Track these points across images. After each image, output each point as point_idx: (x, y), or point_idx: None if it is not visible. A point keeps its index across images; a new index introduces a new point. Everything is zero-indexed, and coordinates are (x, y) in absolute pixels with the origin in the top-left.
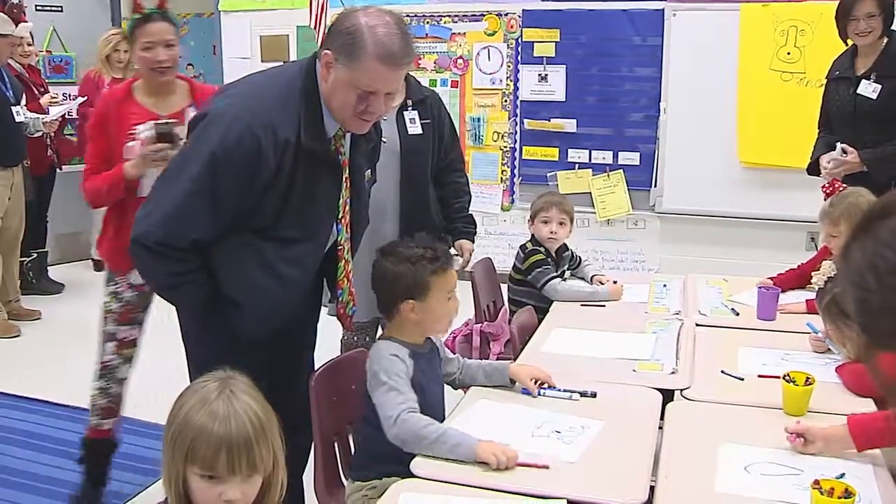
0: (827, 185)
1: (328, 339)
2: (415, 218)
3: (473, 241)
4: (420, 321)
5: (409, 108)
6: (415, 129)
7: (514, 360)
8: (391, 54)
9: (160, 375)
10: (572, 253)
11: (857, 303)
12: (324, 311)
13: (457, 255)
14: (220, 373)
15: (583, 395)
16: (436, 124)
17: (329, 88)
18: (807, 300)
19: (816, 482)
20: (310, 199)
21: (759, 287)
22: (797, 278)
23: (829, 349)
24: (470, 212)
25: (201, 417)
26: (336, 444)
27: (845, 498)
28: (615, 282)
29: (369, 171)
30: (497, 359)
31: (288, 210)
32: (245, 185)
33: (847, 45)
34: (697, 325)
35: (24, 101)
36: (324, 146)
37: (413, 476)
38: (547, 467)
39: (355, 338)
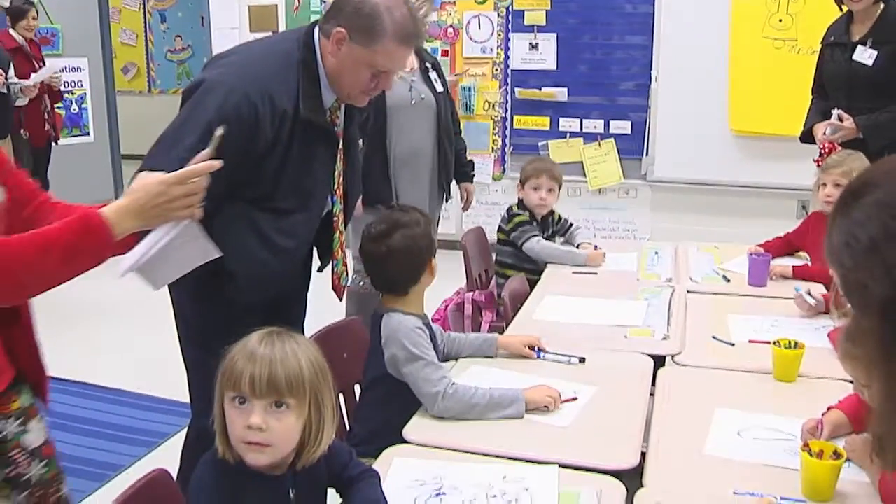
0: (824, 152)
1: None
2: (445, 164)
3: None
4: (428, 281)
5: (431, 70)
6: (440, 87)
7: (506, 327)
8: (409, 36)
9: (151, 349)
10: (559, 216)
11: (839, 279)
12: None
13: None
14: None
15: (570, 358)
16: (446, 85)
17: (338, 64)
18: (793, 266)
19: (806, 445)
20: (306, 171)
21: (750, 254)
22: (786, 245)
23: (811, 306)
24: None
25: (240, 348)
26: None
27: (835, 459)
28: (595, 247)
29: (361, 140)
30: (489, 327)
31: (284, 181)
32: (241, 155)
33: (842, 10)
34: (689, 291)
35: (11, 73)
36: (321, 118)
37: (406, 442)
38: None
39: (361, 283)
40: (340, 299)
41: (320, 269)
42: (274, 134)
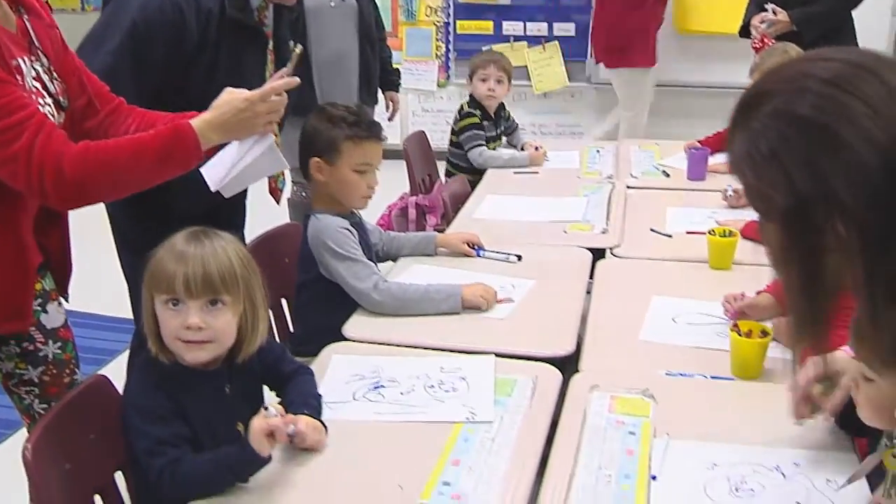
0: (757, 42)
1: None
2: (370, 68)
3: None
4: (327, 184)
5: None
6: None
7: (447, 227)
8: None
9: (93, 267)
10: (509, 114)
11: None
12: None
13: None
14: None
15: (508, 256)
16: None
17: None
18: (728, 162)
19: (735, 325)
20: (236, 74)
21: (689, 148)
22: (725, 141)
23: (736, 198)
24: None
25: (166, 249)
26: (272, 317)
27: (762, 337)
28: (537, 147)
29: (292, 42)
30: (433, 230)
31: (214, 85)
32: (168, 58)
33: None
34: (629, 187)
35: None
36: (249, 17)
37: (346, 339)
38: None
39: (303, 193)
40: (278, 202)
41: None
42: (200, 35)
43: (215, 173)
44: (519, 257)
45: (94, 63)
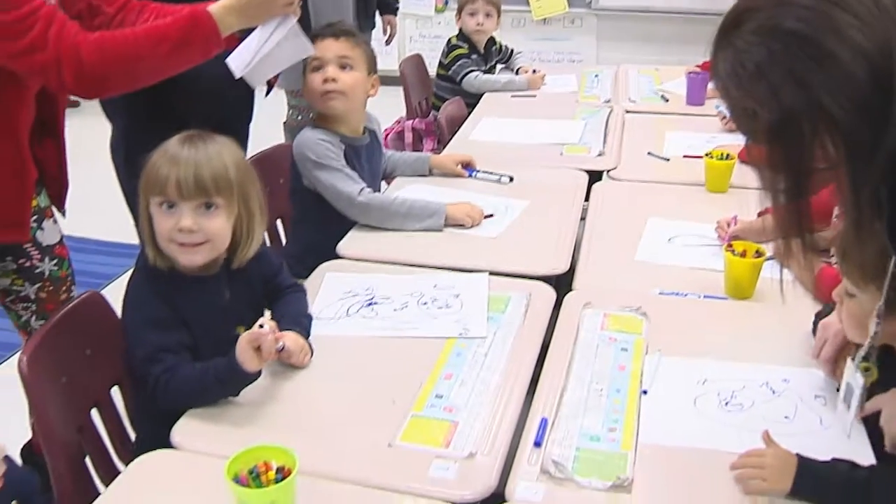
0: None
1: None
2: None
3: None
4: (310, 102)
5: None
6: None
7: (443, 149)
8: None
9: (90, 190)
10: (501, 46)
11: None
12: None
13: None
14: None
15: (500, 177)
16: None
17: None
18: None
19: (730, 245)
20: None
21: (688, 73)
22: None
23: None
24: None
25: (160, 152)
26: (267, 239)
27: (756, 258)
28: (535, 71)
29: None
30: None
31: None
32: None
33: None
34: (627, 111)
35: None
36: None
37: (339, 257)
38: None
39: (299, 117)
40: (271, 88)
41: (267, 93)
42: None
43: (240, 60)
44: (511, 178)
45: None
